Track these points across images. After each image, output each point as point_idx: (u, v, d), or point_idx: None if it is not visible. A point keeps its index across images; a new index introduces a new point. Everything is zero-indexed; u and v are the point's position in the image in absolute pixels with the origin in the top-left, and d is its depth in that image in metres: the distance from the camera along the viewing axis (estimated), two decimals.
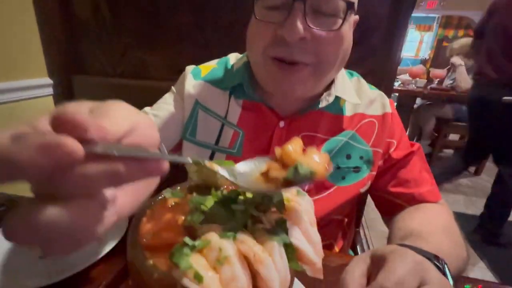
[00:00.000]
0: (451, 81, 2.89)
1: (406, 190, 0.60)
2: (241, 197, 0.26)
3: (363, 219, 1.22)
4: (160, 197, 0.28)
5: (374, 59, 0.93)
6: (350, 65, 0.63)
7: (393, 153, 0.61)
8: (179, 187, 0.30)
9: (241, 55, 0.67)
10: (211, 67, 0.66)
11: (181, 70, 0.68)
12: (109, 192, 0.17)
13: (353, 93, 0.61)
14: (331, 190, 0.60)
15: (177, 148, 0.66)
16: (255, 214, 0.24)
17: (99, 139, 0.15)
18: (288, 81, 0.49)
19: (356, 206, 0.74)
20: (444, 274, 0.35)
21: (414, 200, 0.60)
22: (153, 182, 0.24)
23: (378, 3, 0.88)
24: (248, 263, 0.21)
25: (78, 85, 1.13)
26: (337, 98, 0.58)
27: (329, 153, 0.58)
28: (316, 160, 0.26)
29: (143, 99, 0.66)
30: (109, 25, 1.07)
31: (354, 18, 0.52)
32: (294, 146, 0.27)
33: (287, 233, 0.22)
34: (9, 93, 0.97)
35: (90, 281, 0.44)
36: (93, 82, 1.12)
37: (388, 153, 0.61)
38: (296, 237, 0.23)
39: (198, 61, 0.70)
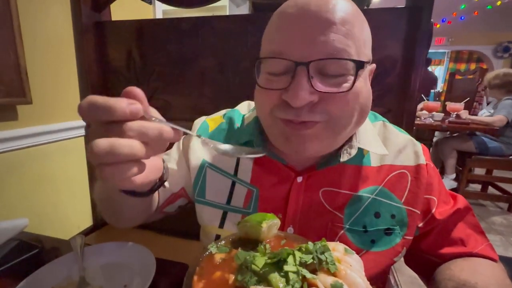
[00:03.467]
0: (491, 111, 2.80)
1: (458, 250, 0.53)
2: (291, 257, 0.26)
3: None
4: (207, 253, 0.28)
5: (392, 98, 0.95)
6: None
7: (436, 213, 0.53)
8: (223, 241, 0.30)
9: (253, 107, 0.63)
10: (219, 121, 0.63)
11: (203, 110, 0.69)
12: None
13: (379, 141, 0.54)
14: (360, 255, 0.51)
15: (172, 200, 0.61)
16: (308, 277, 0.23)
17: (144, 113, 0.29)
18: (299, 138, 0.44)
19: None
20: None
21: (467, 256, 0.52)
22: (157, 170, 0.36)
23: (391, 47, 0.92)
24: None
25: None
26: (360, 149, 0.51)
27: (355, 212, 0.52)
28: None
29: None
30: (139, 72, 1.16)
31: (370, 67, 0.48)
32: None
33: None
34: (45, 135, 1.04)
35: None
36: None
37: (431, 213, 0.53)
38: None
39: (219, 102, 0.72)
